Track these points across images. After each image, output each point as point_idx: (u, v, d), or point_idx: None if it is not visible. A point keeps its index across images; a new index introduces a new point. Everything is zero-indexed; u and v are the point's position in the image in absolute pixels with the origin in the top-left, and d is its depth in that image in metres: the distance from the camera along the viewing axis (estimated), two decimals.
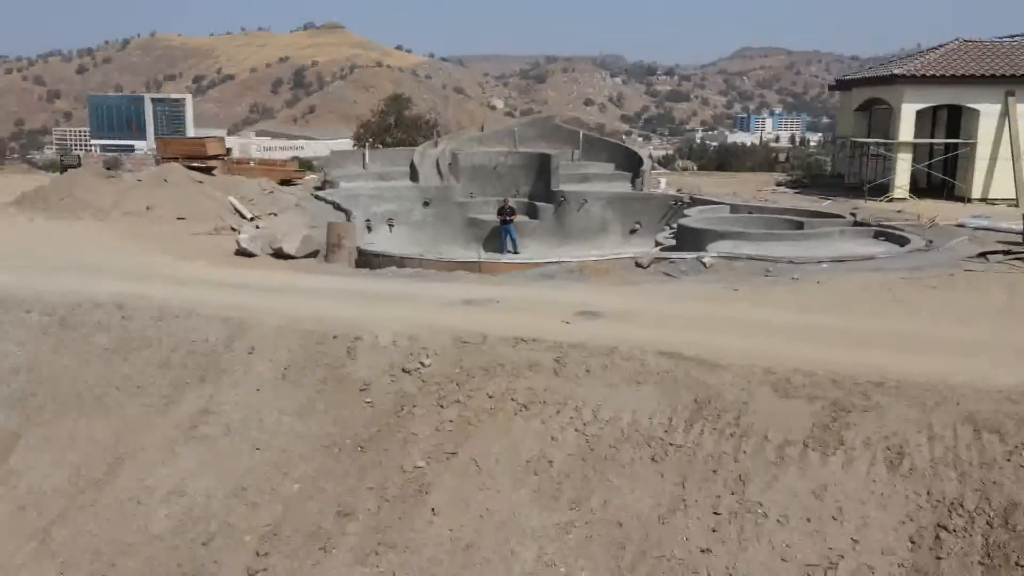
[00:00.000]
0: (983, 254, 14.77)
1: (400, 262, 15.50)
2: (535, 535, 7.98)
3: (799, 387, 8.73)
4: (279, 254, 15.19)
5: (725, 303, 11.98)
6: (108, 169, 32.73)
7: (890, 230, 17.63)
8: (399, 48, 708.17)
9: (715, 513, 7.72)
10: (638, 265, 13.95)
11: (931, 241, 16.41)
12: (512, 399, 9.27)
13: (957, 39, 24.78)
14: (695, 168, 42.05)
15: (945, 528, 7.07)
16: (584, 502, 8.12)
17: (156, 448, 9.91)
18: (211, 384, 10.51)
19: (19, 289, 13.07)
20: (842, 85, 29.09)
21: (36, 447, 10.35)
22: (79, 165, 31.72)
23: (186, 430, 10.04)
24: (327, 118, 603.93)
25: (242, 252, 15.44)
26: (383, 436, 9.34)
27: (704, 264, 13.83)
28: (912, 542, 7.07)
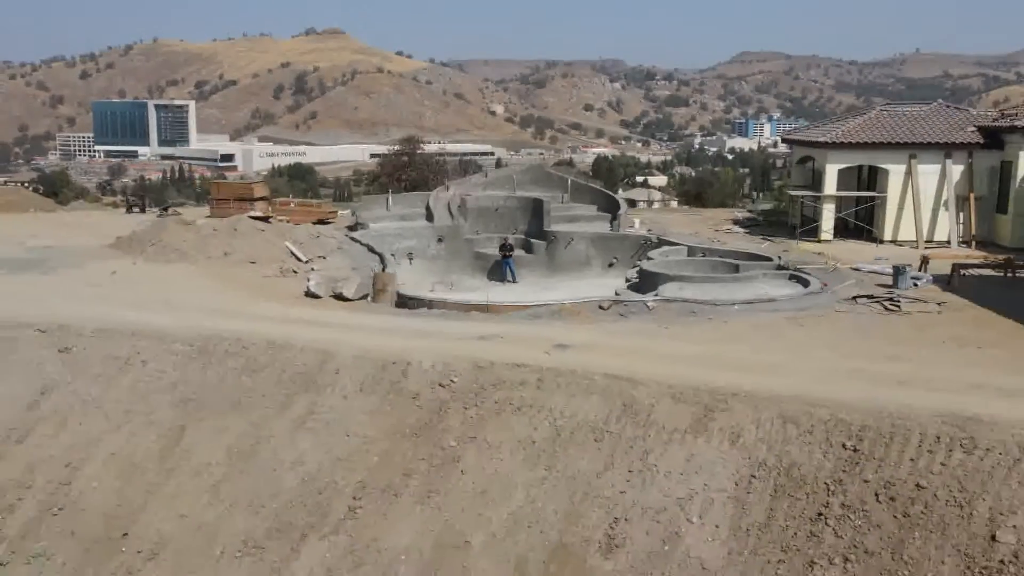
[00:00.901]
0: (854, 298, 20.16)
1: (429, 304, 20.91)
2: (523, 485, 13.37)
3: (687, 397, 14.13)
4: (339, 297, 20.66)
5: (655, 338, 17.43)
6: (129, 209, 38.22)
7: (800, 273, 23.04)
8: (400, 53, 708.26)
9: (629, 471, 13.11)
10: (600, 307, 19.38)
11: (826, 285, 21.79)
12: (510, 404, 14.69)
13: (876, 109, 30.25)
14: (675, 201, 47.42)
15: (754, 476, 12.47)
16: (553, 466, 13.52)
17: (280, 436, 15.33)
18: (312, 394, 15.93)
19: (160, 326, 18.52)
20: (787, 141, 34.51)
21: (198, 435, 15.76)
22: (143, 208, 37.20)
23: (299, 424, 15.45)
24: (328, 123, 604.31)
25: (310, 294, 20.90)
26: (428, 427, 14.75)
27: (648, 307, 19.27)
28: (736, 484, 12.47)
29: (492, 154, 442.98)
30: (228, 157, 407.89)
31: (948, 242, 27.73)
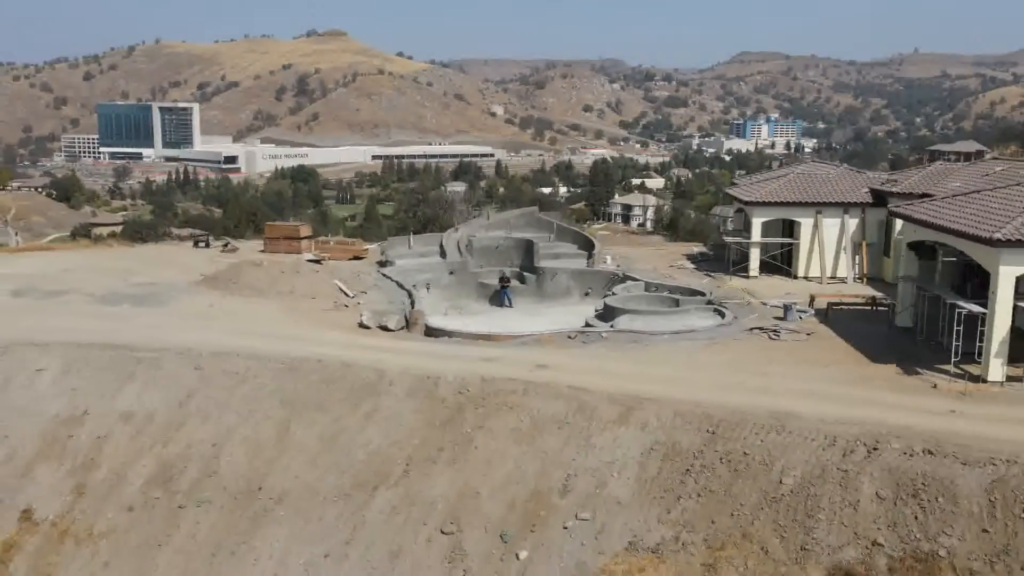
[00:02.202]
0: (751, 328, 28.18)
1: (449, 334, 28.88)
2: (513, 456, 21.40)
3: (618, 401, 22.15)
4: (383, 328, 28.73)
5: (604, 360, 25.48)
6: (196, 244, 46.15)
7: (721, 307, 31.05)
8: (400, 55, 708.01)
9: (578, 447, 21.14)
10: (568, 337, 27.41)
11: (736, 317, 29.80)
12: (505, 405, 22.71)
13: (793, 172, 38.30)
14: (650, 229, 55.19)
15: (652, 449, 20.50)
16: (532, 444, 21.55)
17: (354, 427, 23.34)
18: (374, 398, 23.96)
19: (259, 350, 26.57)
20: (727, 195, 42.53)
21: (298, 426, 23.75)
22: (207, 244, 45.16)
23: (366, 419, 23.47)
24: (330, 125, 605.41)
25: (363, 326, 28.98)
26: (452, 420, 22.77)
27: (602, 336, 27.32)
28: (641, 454, 20.49)
29: (492, 155, 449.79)
30: (231, 159, 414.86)
31: (845, 279, 35.79)
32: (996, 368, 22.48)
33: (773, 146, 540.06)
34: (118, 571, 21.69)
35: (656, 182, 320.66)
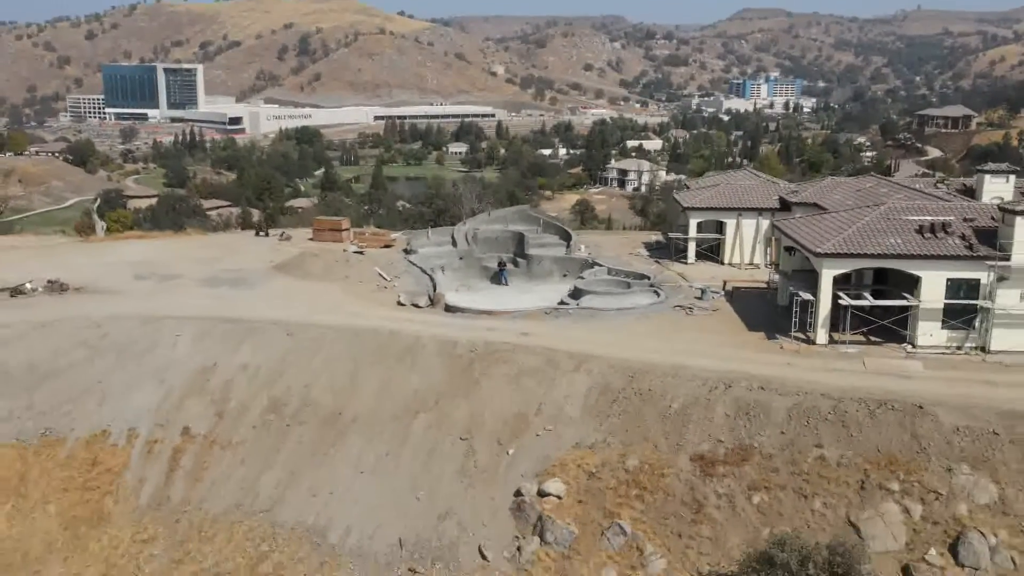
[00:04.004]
0: (675, 306, 39.89)
1: (463, 310, 40.53)
2: (506, 393, 33.32)
3: (575, 356, 34.01)
4: (415, 305, 40.50)
5: (568, 329, 37.31)
6: (257, 233, 57.55)
7: (659, 289, 42.70)
8: (401, 13, 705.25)
9: (546, 387, 33.07)
10: (545, 313, 39.14)
11: (667, 296, 41.45)
12: (501, 360, 34.62)
13: (722, 183, 49.72)
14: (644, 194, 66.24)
15: (592, 388, 32.42)
16: (517, 386, 33.48)
17: (401, 374, 35.22)
18: (413, 355, 35.84)
19: (330, 322, 38.42)
20: (674, 200, 53.90)
21: (363, 374, 35.64)
22: (267, 233, 56.66)
23: (409, 368, 35.35)
24: (332, 85, 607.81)
25: (400, 304, 40.77)
26: (466, 370, 34.70)
27: (569, 312, 39.10)
28: (587, 390, 32.41)
29: (493, 115, 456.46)
30: (236, 120, 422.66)
31: (759, 265, 47.44)
32: (822, 335, 34.34)
33: (772, 105, 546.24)
34: (250, 467, 33.75)
35: (654, 144, 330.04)
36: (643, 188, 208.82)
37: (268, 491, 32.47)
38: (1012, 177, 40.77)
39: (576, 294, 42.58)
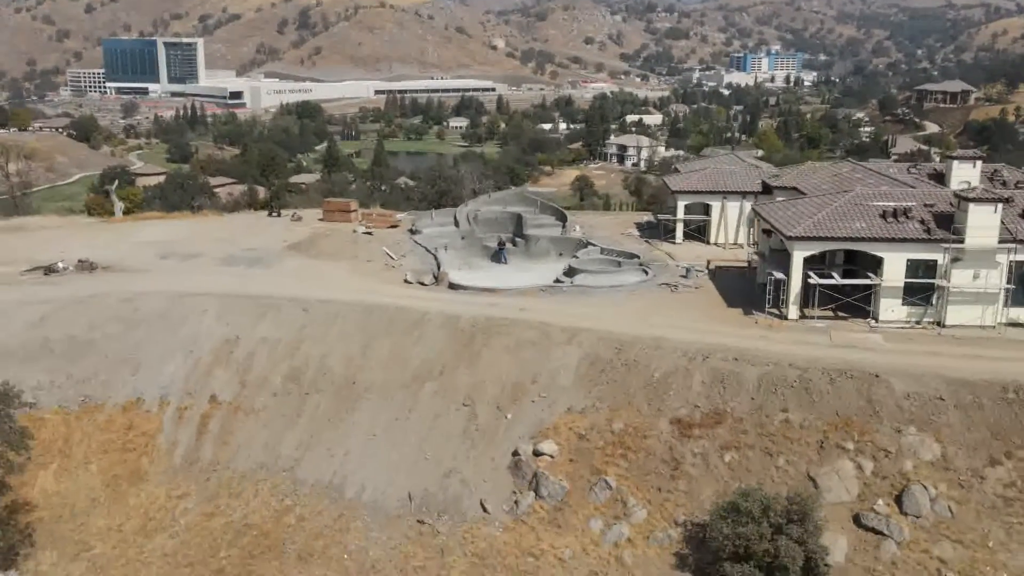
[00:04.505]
0: (661, 283, 43.10)
1: (465, 288, 43.71)
2: (503, 361, 36.64)
3: (567, 330, 37.29)
4: (421, 283, 43.73)
5: (564, 305, 40.57)
6: (270, 214, 60.58)
7: (647, 267, 45.87)
8: None
9: (542, 356, 36.40)
10: (541, 290, 42.34)
11: (655, 274, 44.62)
12: (500, 332, 37.91)
13: (708, 168, 52.66)
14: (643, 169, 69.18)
15: (584, 358, 35.74)
16: (515, 354, 36.79)
17: (408, 345, 38.55)
18: (420, 328, 39.13)
19: (342, 299, 41.68)
20: (664, 184, 56.85)
21: (374, 346, 38.95)
22: (279, 213, 59.73)
23: (415, 341, 38.67)
24: (333, 59, 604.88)
25: (407, 282, 44.00)
26: (469, 342, 38.00)
27: (563, 289, 42.32)
28: (578, 360, 35.74)
29: (493, 89, 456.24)
30: (237, 94, 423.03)
31: (742, 245, 50.59)
32: (793, 311, 37.61)
33: (773, 79, 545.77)
34: (272, 430, 37.18)
35: (654, 118, 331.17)
36: (642, 164, 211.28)
37: (289, 452, 35.93)
38: (979, 163, 43.66)
39: (570, 272, 45.76)
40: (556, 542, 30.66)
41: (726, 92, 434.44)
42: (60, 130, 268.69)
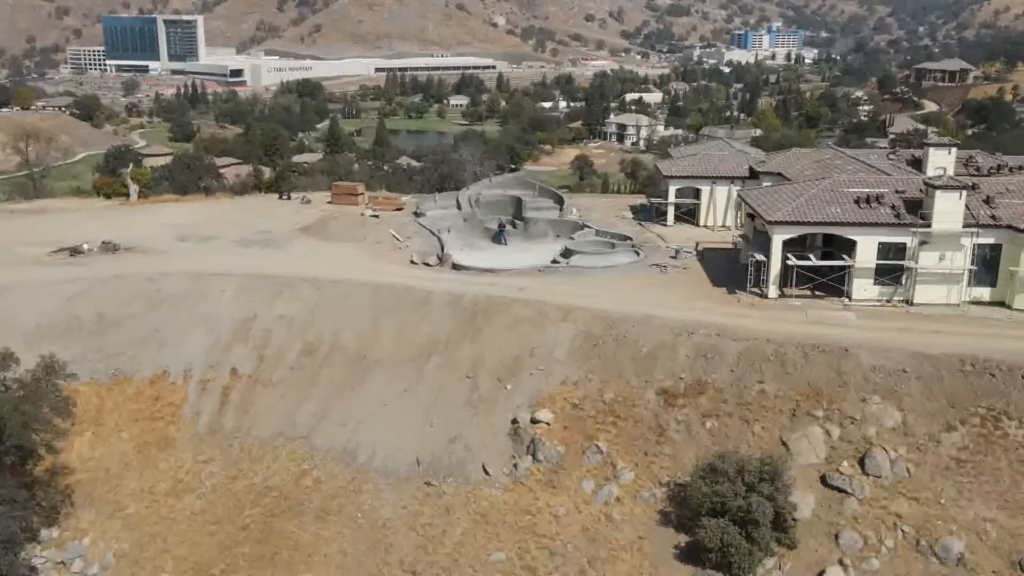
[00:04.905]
0: (652, 264, 45.86)
1: (468, 268, 46.44)
2: (503, 337, 39.52)
3: (563, 308, 40.14)
4: (426, 263, 46.51)
5: (559, 285, 43.37)
6: (280, 196, 63.22)
7: (638, 248, 48.60)
8: None
9: (538, 332, 39.26)
10: (538, 271, 45.11)
11: (646, 256, 47.37)
12: (499, 310, 40.77)
13: (699, 153, 55.23)
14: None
15: (578, 334, 38.61)
16: (514, 330, 39.66)
17: (414, 322, 41.41)
18: (426, 307, 41.98)
19: (355, 278, 44.49)
20: (656, 168, 59.38)
21: (383, 322, 41.81)
22: (289, 196, 62.36)
23: (421, 318, 41.55)
24: (332, 37, 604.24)
25: (413, 262, 46.78)
26: (471, 319, 40.87)
27: (559, 270, 45.09)
28: (572, 337, 38.62)
29: (493, 67, 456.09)
30: (237, 72, 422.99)
31: (730, 227, 53.26)
32: (773, 290, 40.43)
33: (774, 57, 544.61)
34: (289, 400, 40.11)
35: (654, 96, 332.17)
36: (641, 143, 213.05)
37: (305, 420, 38.88)
38: (954, 150, 46.24)
39: (567, 253, 48.50)
40: (552, 501, 33.68)
41: (726, 70, 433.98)
42: (63, 109, 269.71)
